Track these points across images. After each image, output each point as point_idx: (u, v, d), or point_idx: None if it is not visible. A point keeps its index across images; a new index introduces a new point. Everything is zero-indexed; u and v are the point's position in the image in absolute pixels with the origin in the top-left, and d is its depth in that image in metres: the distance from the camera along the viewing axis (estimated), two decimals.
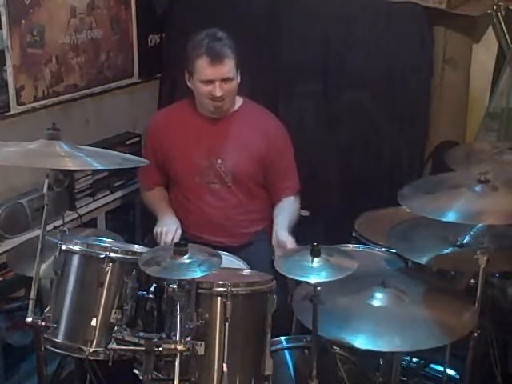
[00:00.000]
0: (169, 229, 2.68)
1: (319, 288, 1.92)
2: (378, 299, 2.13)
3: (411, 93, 3.16)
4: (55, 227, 2.35)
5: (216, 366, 1.95)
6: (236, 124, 2.80)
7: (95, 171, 3.09)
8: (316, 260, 1.94)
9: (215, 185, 2.77)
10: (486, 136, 3.12)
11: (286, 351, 2.25)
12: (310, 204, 3.04)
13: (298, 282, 2.17)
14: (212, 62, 2.61)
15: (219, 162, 2.75)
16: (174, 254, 1.88)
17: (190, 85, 2.74)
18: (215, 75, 2.62)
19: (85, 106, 3.22)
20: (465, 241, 2.29)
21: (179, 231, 2.71)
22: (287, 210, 2.79)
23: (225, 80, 2.64)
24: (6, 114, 2.77)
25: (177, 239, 2.62)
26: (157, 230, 2.71)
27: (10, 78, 2.74)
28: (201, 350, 1.93)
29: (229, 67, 2.64)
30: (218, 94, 2.63)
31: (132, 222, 3.45)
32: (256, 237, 2.82)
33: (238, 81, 2.72)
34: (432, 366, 2.75)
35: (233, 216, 2.80)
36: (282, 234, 2.61)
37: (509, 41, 3.02)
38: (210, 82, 2.63)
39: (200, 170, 2.77)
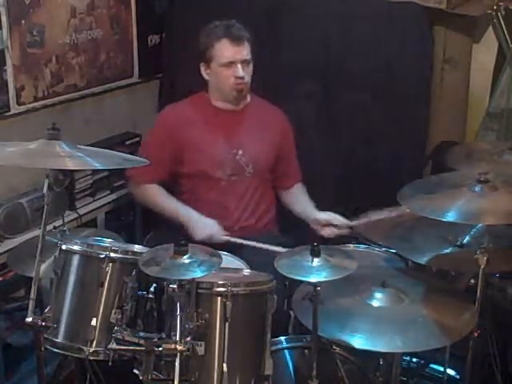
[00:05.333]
0: (213, 233, 2.64)
1: (319, 288, 1.92)
2: (378, 299, 2.13)
3: (411, 93, 3.16)
4: (55, 227, 2.35)
5: (216, 366, 1.95)
6: (251, 115, 2.83)
7: (95, 171, 3.09)
8: (316, 260, 1.94)
9: (235, 177, 2.78)
10: (486, 136, 3.12)
11: (285, 351, 2.25)
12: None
13: (298, 283, 2.17)
14: (233, 42, 2.65)
15: (240, 153, 2.77)
16: (174, 253, 1.88)
17: (206, 77, 2.74)
18: (236, 56, 2.65)
19: (85, 105, 3.23)
20: (465, 241, 2.29)
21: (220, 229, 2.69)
22: (305, 196, 2.94)
23: (245, 62, 2.67)
24: (6, 114, 2.77)
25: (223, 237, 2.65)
26: (201, 236, 2.62)
27: (10, 78, 2.75)
28: (201, 350, 1.93)
29: (248, 49, 2.69)
30: (242, 73, 2.66)
31: (132, 222, 3.44)
32: (256, 237, 2.82)
33: None
34: (432, 365, 2.75)
35: (246, 208, 2.83)
36: (321, 214, 2.75)
37: (509, 41, 3.02)
38: (232, 63, 2.65)
39: (221, 164, 2.76)
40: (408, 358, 2.68)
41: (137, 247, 2.24)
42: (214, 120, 2.80)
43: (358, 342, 1.97)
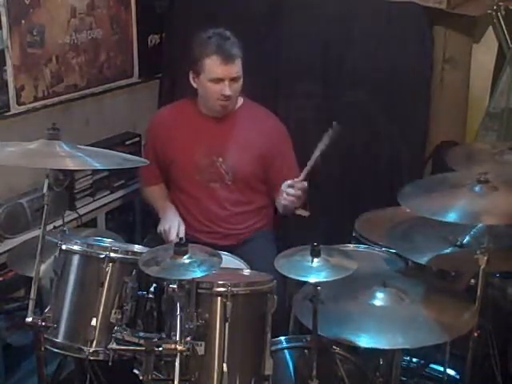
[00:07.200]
0: (171, 225, 2.68)
1: (319, 288, 1.92)
2: (379, 299, 2.13)
3: (411, 93, 3.16)
4: (55, 227, 2.35)
5: (216, 366, 1.95)
6: (237, 123, 2.80)
7: (95, 171, 3.09)
8: (316, 260, 1.94)
9: (215, 183, 2.78)
10: (486, 136, 3.12)
11: (285, 351, 2.25)
12: (310, 204, 3.04)
13: (299, 285, 2.17)
14: (223, 61, 2.62)
15: (220, 160, 2.76)
16: (173, 253, 1.88)
17: (194, 85, 2.74)
18: (226, 74, 2.63)
19: (85, 105, 3.22)
20: (465, 241, 2.29)
21: (182, 227, 2.70)
22: None
23: (234, 79, 2.65)
24: (6, 113, 2.77)
25: (181, 234, 2.63)
26: (160, 228, 2.72)
27: (10, 78, 2.75)
28: (201, 350, 1.93)
29: (238, 66, 2.66)
30: (228, 92, 2.64)
31: (132, 221, 3.45)
32: (256, 236, 2.82)
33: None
34: (432, 365, 2.75)
35: (232, 215, 2.81)
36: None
37: (509, 41, 3.02)
38: (220, 80, 2.64)
39: (200, 169, 2.77)
40: (408, 358, 2.68)
41: (137, 247, 2.24)
42: (198, 126, 2.80)
43: (361, 340, 1.97)
